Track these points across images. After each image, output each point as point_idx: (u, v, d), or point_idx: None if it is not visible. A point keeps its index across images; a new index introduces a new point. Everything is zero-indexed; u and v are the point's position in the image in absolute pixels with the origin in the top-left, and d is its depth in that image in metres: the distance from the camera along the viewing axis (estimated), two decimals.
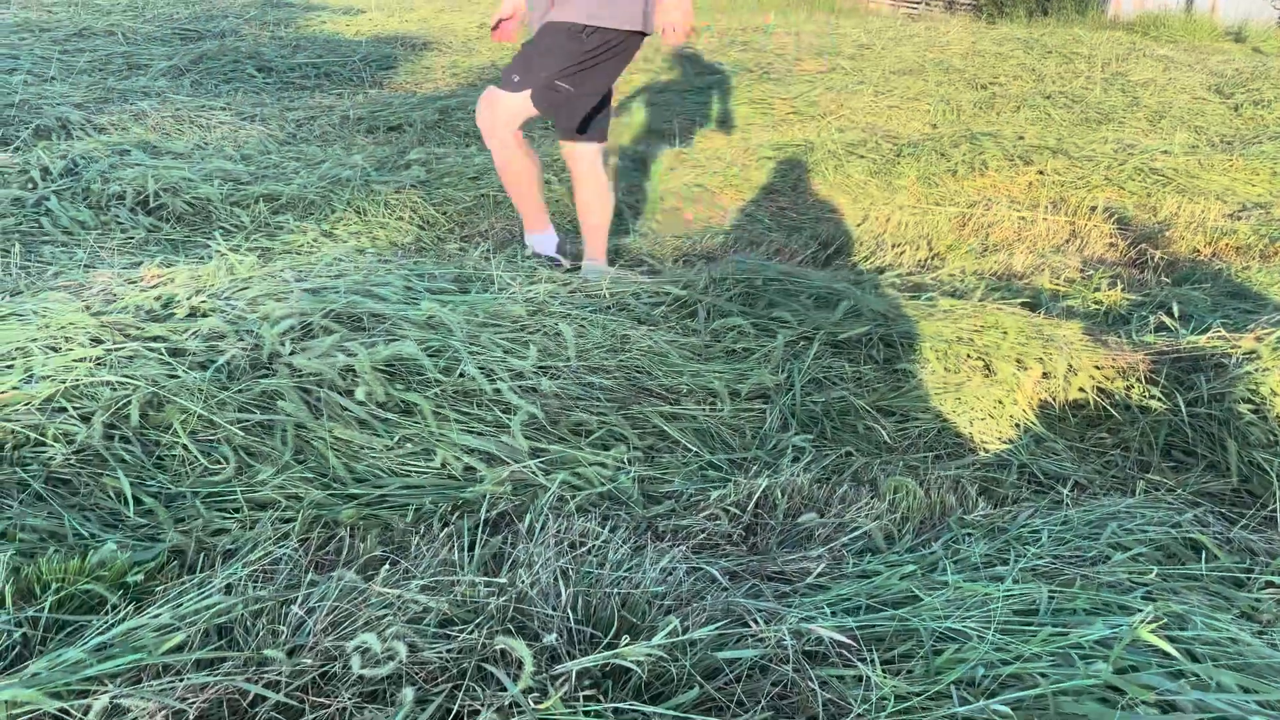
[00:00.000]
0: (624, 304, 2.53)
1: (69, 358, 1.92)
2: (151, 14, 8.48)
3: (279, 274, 2.47)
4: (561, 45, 2.83)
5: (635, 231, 3.97)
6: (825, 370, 2.25)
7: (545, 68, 2.85)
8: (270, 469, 1.86)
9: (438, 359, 2.17)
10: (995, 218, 3.93)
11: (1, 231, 3.05)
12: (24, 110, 4.54)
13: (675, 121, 6.01)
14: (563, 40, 2.82)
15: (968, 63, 8.48)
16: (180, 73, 6.08)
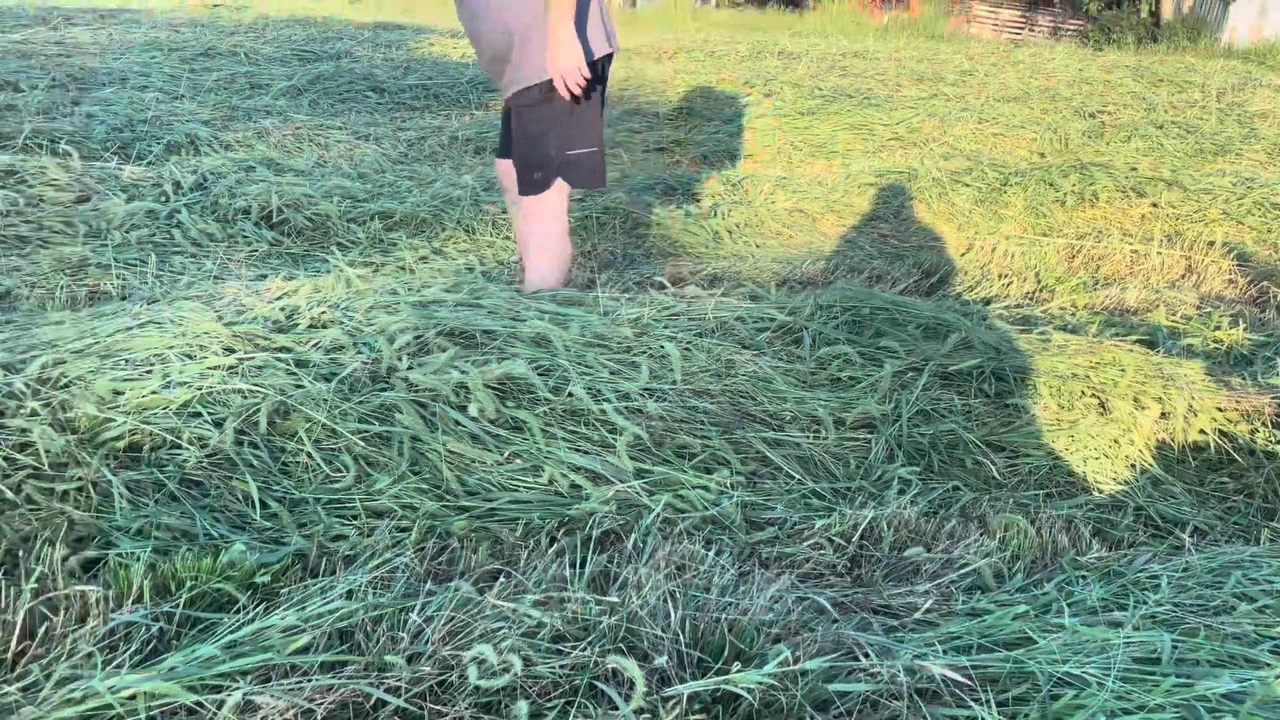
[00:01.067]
0: (728, 328, 2.54)
1: (203, 365, 2.02)
2: (272, 35, 8.86)
3: (394, 289, 2.56)
4: (548, 116, 2.65)
5: (736, 255, 3.98)
6: (933, 402, 2.22)
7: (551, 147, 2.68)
8: (387, 478, 1.92)
9: (546, 378, 2.21)
10: (1107, 250, 3.83)
11: (137, 241, 3.22)
12: (156, 126, 4.78)
13: (774, 147, 6.02)
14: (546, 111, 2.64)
15: (1075, 90, 8.29)
16: (299, 92, 6.34)
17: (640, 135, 6.06)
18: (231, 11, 10.96)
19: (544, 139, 2.67)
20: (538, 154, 2.69)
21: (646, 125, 6.36)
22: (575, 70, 2.52)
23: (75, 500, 1.77)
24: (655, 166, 5.29)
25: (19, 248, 3.15)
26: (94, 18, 9.54)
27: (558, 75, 2.52)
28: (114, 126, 4.64)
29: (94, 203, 3.43)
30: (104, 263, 3.04)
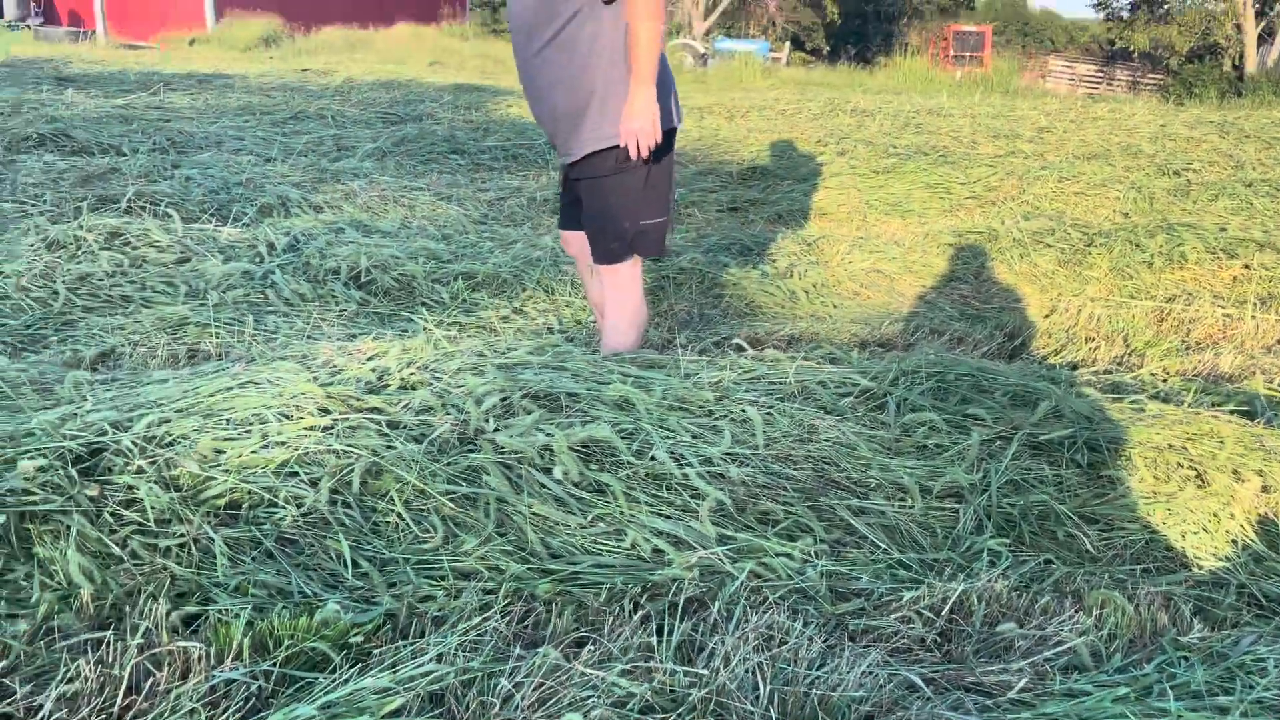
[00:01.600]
0: (810, 392, 2.54)
1: (300, 426, 2.08)
2: (357, 99, 9.20)
3: (480, 351, 2.61)
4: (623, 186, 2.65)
5: (814, 316, 3.98)
6: (1023, 472, 2.18)
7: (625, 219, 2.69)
8: (474, 540, 1.95)
9: (629, 441, 2.23)
10: (1197, 314, 3.73)
11: (234, 301, 3.34)
12: (250, 188, 4.99)
13: (849, 205, 6.03)
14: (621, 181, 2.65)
15: (1158, 147, 8.15)
16: (384, 154, 6.56)
17: (714, 194, 6.11)
18: (319, 76, 11.42)
19: (619, 209, 2.69)
20: (613, 225, 2.71)
21: (720, 184, 6.42)
22: (650, 132, 2.53)
23: (178, 556, 1.83)
24: (730, 226, 5.33)
25: (123, 307, 3.30)
26: (191, 83, 10.04)
27: (632, 135, 2.53)
28: (211, 189, 4.85)
29: (193, 263, 3.58)
30: (203, 322, 3.16)
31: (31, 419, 2.11)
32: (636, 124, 2.51)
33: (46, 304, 3.24)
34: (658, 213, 2.72)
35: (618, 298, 2.82)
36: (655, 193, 2.70)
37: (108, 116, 6.88)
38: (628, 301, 2.82)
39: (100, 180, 4.85)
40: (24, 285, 3.28)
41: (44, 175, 4.86)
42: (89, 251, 3.53)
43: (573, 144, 2.68)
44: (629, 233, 2.70)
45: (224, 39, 18.78)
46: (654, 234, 2.74)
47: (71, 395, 2.32)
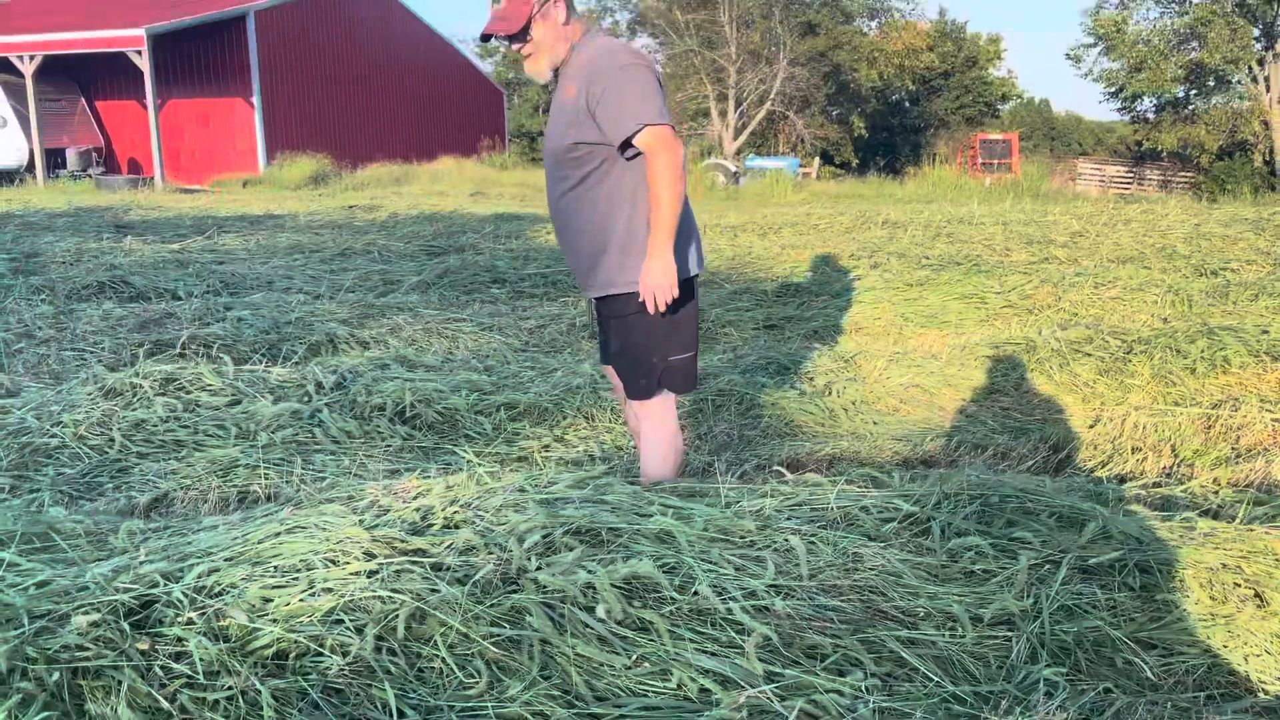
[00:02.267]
0: (853, 519, 2.52)
1: (346, 571, 2.11)
2: (402, 232, 9.52)
3: (522, 486, 2.64)
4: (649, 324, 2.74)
5: (854, 434, 3.97)
6: (1075, 597, 2.14)
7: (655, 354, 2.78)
8: (519, 684, 1.94)
9: (672, 575, 2.23)
10: (1245, 420, 3.68)
11: (282, 442, 3.42)
12: (299, 327, 5.15)
13: (885, 319, 6.07)
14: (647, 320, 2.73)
15: (1193, 247, 8.15)
16: (428, 286, 6.75)
17: (750, 313, 6.19)
18: (366, 212, 11.86)
19: (646, 347, 2.79)
20: (642, 363, 2.81)
21: (755, 302, 6.51)
22: (668, 289, 2.65)
23: (226, 709, 1.84)
24: (767, 344, 5.38)
25: (176, 451, 3.39)
26: (244, 224, 10.47)
27: (649, 291, 2.65)
28: (262, 329, 5.02)
29: (244, 405, 3.68)
30: (252, 464, 3.23)
31: (86, 572, 2.16)
32: (653, 282, 2.64)
33: (103, 451, 3.34)
34: (684, 349, 2.82)
35: (652, 430, 2.88)
36: (681, 330, 2.81)
37: (164, 261, 7.18)
38: (663, 432, 2.88)
39: (156, 325, 5.04)
40: (81, 434, 3.39)
41: (103, 322, 5.06)
42: (144, 398, 3.65)
43: (593, 283, 2.82)
44: (657, 369, 2.80)
45: (275, 179, 19.64)
46: (682, 370, 2.84)
47: (125, 545, 2.38)
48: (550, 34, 2.72)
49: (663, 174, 2.59)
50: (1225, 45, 24.35)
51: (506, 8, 2.71)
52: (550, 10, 2.70)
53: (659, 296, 2.65)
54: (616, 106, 2.60)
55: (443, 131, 28.29)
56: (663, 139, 2.60)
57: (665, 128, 2.61)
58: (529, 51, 2.76)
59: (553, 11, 2.70)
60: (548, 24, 2.71)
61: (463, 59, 31.52)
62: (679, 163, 2.61)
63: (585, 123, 2.67)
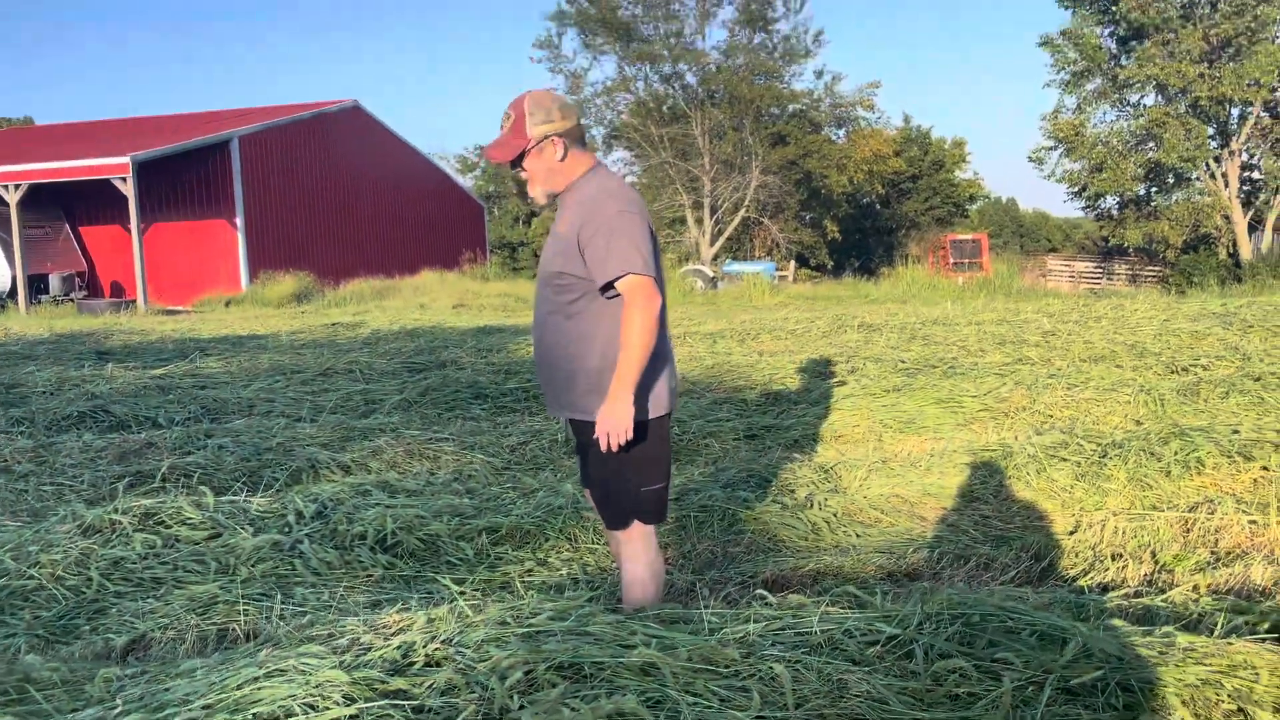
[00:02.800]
0: (836, 643, 2.52)
1: (325, 717, 2.08)
2: (384, 349, 9.59)
3: (504, 619, 2.62)
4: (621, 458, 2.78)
5: (837, 548, 3.98)
6: (1059, 718, 2.13)
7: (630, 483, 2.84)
8: None
9: (657, 710, 2.21)
10: (1222, 522, 3.71)
11: (262, 575, 3.40)
12: (280, 452, 5.15)
13: (864, 426, 6.12)
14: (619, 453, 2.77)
15: (1162, 344, 8.32)
16: (410, 405, 6.78)
17: (730, 423, 6.24)
18: (348, 329, 11.96)
19: (620, 477, 2.84)
20: (614, 494, 2.88)
21: (736, 412, 6.56)
22: (622, 433, 2.70)
23: None
24: (748, 456, 5.41)
25: (154, 589, 3.36)
26: (226, 346, 10.52)
27: (604, 431, 2.71)
28: (242, 457, 5.01)
29: (224, 538, 3.66)
30: (231, 600, 3.20)
31: None
32: (609, 425, 2.70)
33: (80, 591, 3.30)
34: (656, 479, 2.88)
35: (631, 556, 2.91)
36: (655, 460, 2.86)
37: (145, 389, 7.19)
38: (641, 558, 2.91)
39: (136, 456, 5.03)
40: (58, 574, 3.35)
41: (82, 455, 5.05)
42: (123, 534, 3.63)
43: (563, 404, 2.89)
44: (629, 500, 2.86)
45: (258, 298, 19.81)
46: (654, 500, 2.89)
47: (101, 695, 2.34)
48: (544, 167, 2.81)
49: (636, 322, 2.66)
50: (1181, 145, 25.28)
51: (506, 137, 2.83)
52: (546, 147, 2.79)
53: (613, 438, 2.70)
54: (604, 250, 2.68)
55: (424, 245, 28.77)
56: (643, 290, 2.68)
57: (648, 279, 2.68)
58: (525, 178, 2.87)
59: (548, 148, 2.79)
60: (542, 159, 2.80)
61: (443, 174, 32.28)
62: (653, 316, 2.68)
63: (574, 257, 2.76)
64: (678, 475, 4.79)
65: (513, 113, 2.82)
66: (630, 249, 2.68)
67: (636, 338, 2.67)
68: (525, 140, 2.79)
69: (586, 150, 2.90)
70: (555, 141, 2.80)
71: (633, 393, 2.70)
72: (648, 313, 2.67)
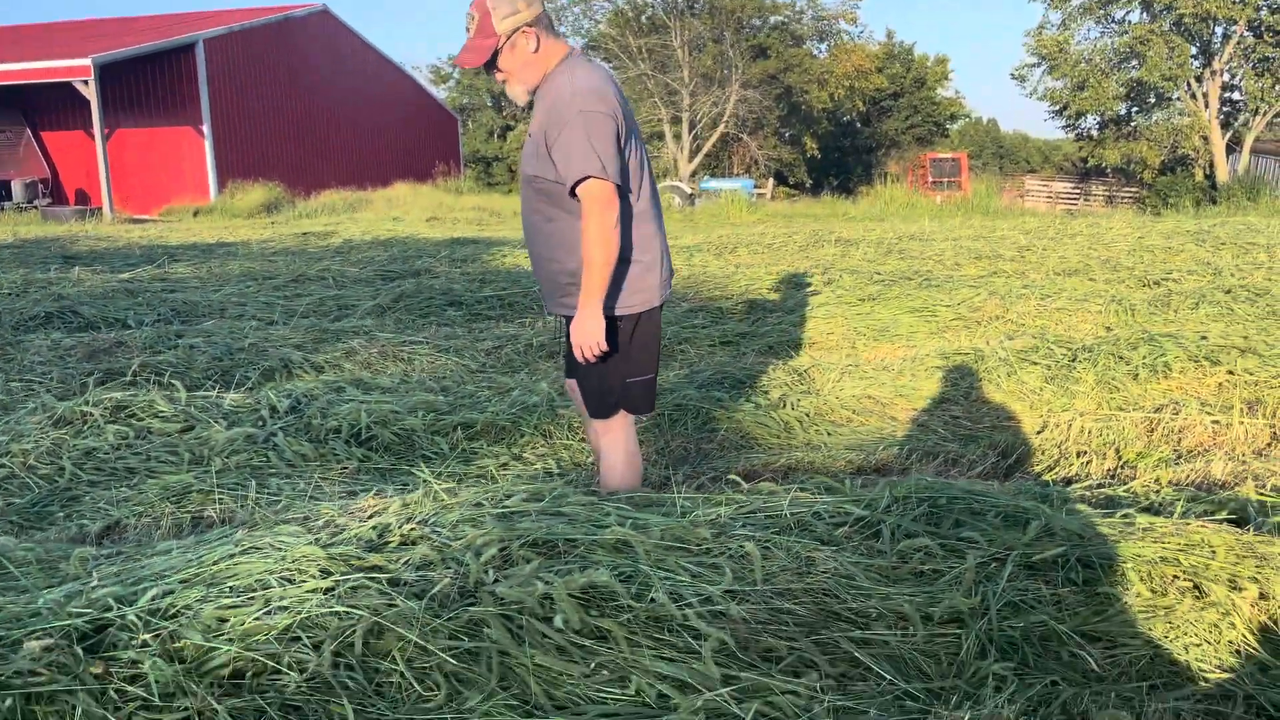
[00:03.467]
0: (806, 524, 2.57)
1: (302, 589, 2.11)
2: (357, 258, 9.48)
3: (479, 501, 2.65)
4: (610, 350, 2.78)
5: (809, 445, 4.03)
6: (1021, 593, 2.19)
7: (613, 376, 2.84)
8: (478, 695, 1.95)
9: (629, 584, 2.25)
10: (1186, 422, 3.79)
11: (236, 466, 3.40)
12: (253, 353, 5.11)
13: (838, 334, 6.16)
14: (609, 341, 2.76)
15: (1136, 259, 8.37)
16: (383, 310, 6.73)
17: (706, 330, 6.25)
18: (319, 239, 11.80)
19: (608, 370, 2.84)
20: (603, 384, 2.88)
21: (712, 320, 6.57)
22: (595, 346, 2.71)
23: None
24: (723, 360, 5.43)
25: (128, 479, 3.35)
26: (195, 253, 10.37)
27: (577, 346, 2.72)
28: (215, 356, 4.97)
29: (197, 431, 3.65)
30: (206, 488, 3.21)
31: (38, 598, 2.13)
32: (581, 338, 2.71)
33: (53, 480, 3.30)
34: (644, 371, 2.88)
35: (611, 448, 2.94)
36: (641, 353, 2.86)
37: (114, 291, 7.09)
38: (619, 449, 2.94)
39: (106, 354, 4.97)
40: (30, 464, 3.34)
41: (50, 353, 4.99)
42: (95, 426, 3.61)
43: (554, 304, 2.91)
44: (616, 391, 2.86)
45: (227, 208, 19.45)
46: (640, 391, 2.90)
47: (77, 571, 2.35)
48: (520, 62, 2.72)
49: (592, 233, 2.62)
50: (1164, 63, 25.07)
51: (475, 40, 2.73)
52: (518, 40, 2.70)
53: (587, 351, 2.71)
54: (564, 154, 2.62)
55: (397, 157, 28.23)
56: (600, 197, 2.60)
57: (606, 184, 2.60)
58: (503, 79, 2.78)
59: (520, 41, 2.70)
60: (516, 53, 2.71)
61: (416, 85, 31.50)
62: (610, 223, 2.61)
63: (545, 160, 2.71)
64: None
65: (476, 13, 2.71)
66: (587, 151, 2.59)
67: (595, 249, 2.63)
68: (495, 38, 2.69)
69: (558, 38, 2.81)
70: (527, 33, 2.71)
71: (600, 302, 2.69)
72: (603, 221, 2.60)
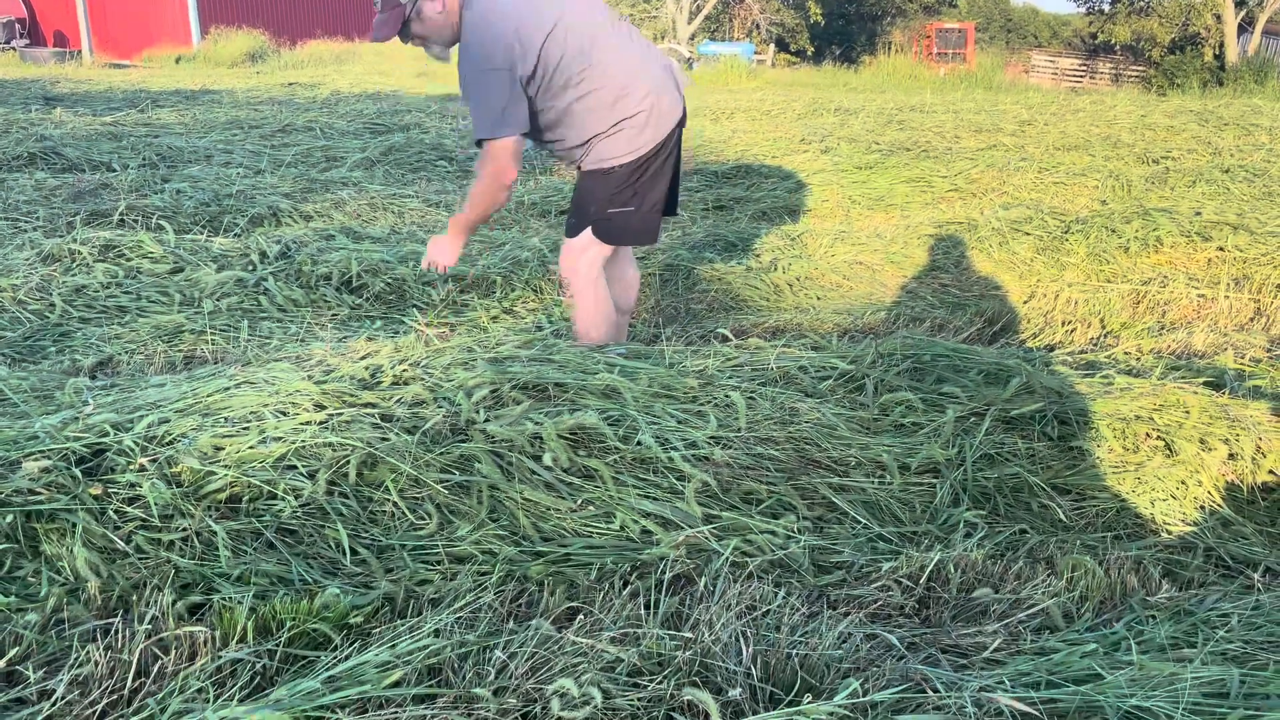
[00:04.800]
0: (791, 377, 2.61)
1: (297, 421, 2.15)
2: (345, 110, 9.26)
3: (470, 347, 2.68)
4: (595, 186, 2.89)
5: (798, 308, 4.06)
6: (997, 446, 2.26)
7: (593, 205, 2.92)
8: (468, 526, 2.01)
9: (616, 428, 2.30)
10: (1172, 295, 3.82)
11: (228, 308, 3.41)
12: (241, 200, 5.05)
13: (833, 201, 6.11)
14: (593, 183, 2.89)
15: (1137, 137, 8.26)
16: (373, 163, 6.62)
17: (700, 194, 6.19)
18: (306, 90, 11.49)
19: (590, 198, 2.93)
20: (581, 208, 2.96)
21: (706, 184, 6.50)
22: (442, 266, 2.97)
23: (181, 549, 1.90)
24: (715, 223, 5.40)
25: (119, 317, 3.36)
26: (179, 99, 10.10)
27: (427, 260, 2.95)
28: (202, 201, 4.91)
29: (187, 273, 3.64)
30: (198, 329, 3.22)
31: (35, 422, 2.17)
32: (434, 254, 2.96)
33: (44, 316, 3.30)
34: (625, 205, 2.93)
35: (577, 291, 3.01)
36: (631, 193, 2.91)
37: (97, 134, 6.94)
38: (586, 294, 3.00)
39: (92, 196, 4.91)
40: (20, 299, 3.34)
41: (35, 192, 4.92)
42: (84, 264, 3.60)
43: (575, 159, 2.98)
44: (593, 215, 2.93)
45: (210, 55, 18.84)
46: (617, 223, 2.94)
47: (72, 400, 2.39)
48: (432, 25, 2.75)
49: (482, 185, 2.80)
50: None
51: (383, 14, 2.73)
52: (423, 6, 2.70)
53: (435, 267, 2.96)
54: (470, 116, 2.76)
55: None
56: (491, 158, 2.74)
57: (498, 145, 2.72)
58: (419, 45, 2.82)
59: (425, 6, 2.71)
60: (424, 19, 2.73)
61: None
62: (500, 182, 2.77)
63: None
64: None
65: None
66: (480, 115, 2.72)
67: (480, 197, 2.83)
68: (400, 8, 2.71)
69: None
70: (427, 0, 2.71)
71: (465, 235, 2.94)
72: (494, 179, 2.77)
